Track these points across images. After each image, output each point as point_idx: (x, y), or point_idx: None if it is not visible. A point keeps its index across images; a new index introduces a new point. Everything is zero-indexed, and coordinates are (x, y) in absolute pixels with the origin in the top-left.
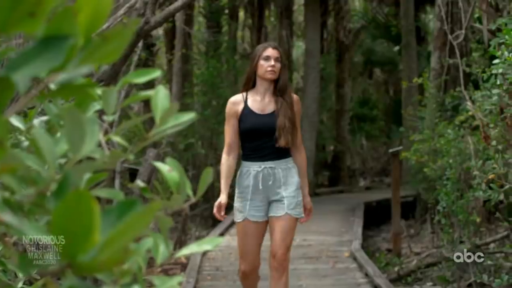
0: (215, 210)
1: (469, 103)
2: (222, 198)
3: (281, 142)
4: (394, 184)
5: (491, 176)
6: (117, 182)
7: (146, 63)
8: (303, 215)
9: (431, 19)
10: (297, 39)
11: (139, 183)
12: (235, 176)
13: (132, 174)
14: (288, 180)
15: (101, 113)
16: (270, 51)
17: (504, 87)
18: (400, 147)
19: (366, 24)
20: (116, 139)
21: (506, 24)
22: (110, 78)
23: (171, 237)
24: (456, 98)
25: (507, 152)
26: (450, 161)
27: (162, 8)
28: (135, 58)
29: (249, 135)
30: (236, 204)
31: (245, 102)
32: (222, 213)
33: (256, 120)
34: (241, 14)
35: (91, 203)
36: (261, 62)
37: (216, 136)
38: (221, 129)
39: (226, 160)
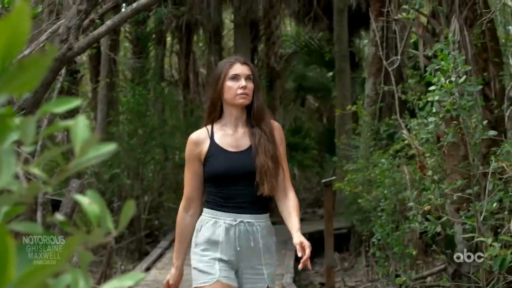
0: None
1: (404, 131)
2: (172, 275)
3: (265, 190)
4: (327, 216)
5: (427, 207)
6: (39, 214)
7: (69, 91)
8: None
9: (366, 44)
10: None
11: (58, 216)
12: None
13: (56, 205)
14: (268, 242)
15: (19, 143)
16: (238, 68)
17: (441, 115)
18: (334, 177)
19: (298, 50)
20: (34, 171)
21: (442, 50)
22: (32, 106)
23: (96, 271)
24: (392, 126)
25: (444, 183)
26: (385, 191)
27: (86, 33)
28: (58, 85)
29: (220, 180)
30: (198, 264)
31: (211, 138)
32: None
33: (229, 160)
34: (169, 39)
35: (6, 238)
36: (228, 83)
37: (142, 166)
38: (147, 159)
39: (183, 219)
